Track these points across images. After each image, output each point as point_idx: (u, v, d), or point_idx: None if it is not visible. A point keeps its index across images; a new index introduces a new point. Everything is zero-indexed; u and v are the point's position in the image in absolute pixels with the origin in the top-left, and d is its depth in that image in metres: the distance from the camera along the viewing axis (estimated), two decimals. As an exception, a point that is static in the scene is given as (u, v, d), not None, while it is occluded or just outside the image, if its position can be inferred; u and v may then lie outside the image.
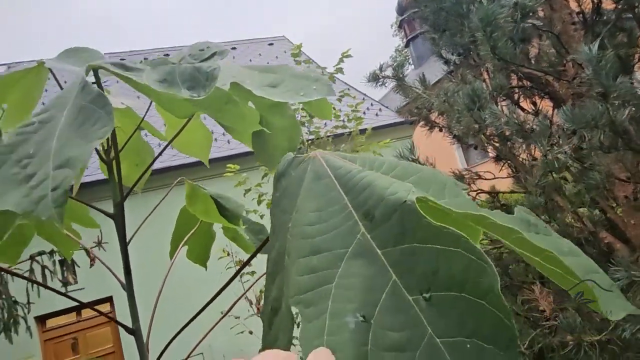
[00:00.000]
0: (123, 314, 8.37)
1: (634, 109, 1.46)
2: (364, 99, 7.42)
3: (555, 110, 2.44)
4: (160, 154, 0.93)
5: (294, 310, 0.34)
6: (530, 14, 1.61)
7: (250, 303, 5.26)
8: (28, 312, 5.06)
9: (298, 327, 0.38)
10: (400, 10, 23.18)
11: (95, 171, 6.53)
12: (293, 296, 0.34)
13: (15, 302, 4.96)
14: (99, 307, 7.80)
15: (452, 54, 2.82)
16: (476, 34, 1.81)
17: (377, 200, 0.35)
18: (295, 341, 0.38)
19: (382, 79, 2.89)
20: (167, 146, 0.93)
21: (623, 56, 1.70)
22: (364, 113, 5.61)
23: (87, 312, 7.65)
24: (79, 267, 5.28)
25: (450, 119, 2.55)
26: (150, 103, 0.77)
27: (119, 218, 0.82)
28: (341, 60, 4.98)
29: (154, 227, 2.21)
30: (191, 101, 0.49)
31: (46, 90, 0.83)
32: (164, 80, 0.49)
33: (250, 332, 5.09)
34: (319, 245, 0.34)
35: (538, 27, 1.82)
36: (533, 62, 2.29)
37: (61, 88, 0.72)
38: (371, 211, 0.35)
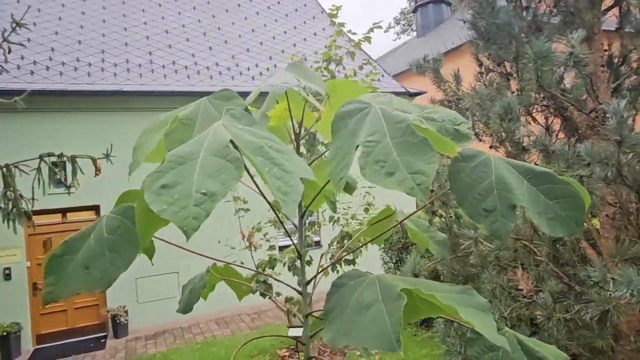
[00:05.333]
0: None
1: (635, 155, 1.90)
2: (378, 71, 7.59)
3: (562, 127, 2.88)
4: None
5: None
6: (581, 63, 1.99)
7: (243, 237, 5.70)
8: (32, 207, 5.30)
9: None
10: (416, -27, 22.66)
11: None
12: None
13: (21, 196, 5.18)
14: (85, 214, 8.07)
15: (488, 60, 3.17)
16: (527, 63, 2.17)
17: (529, 171, 0.90)
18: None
19: (423, 68, 3.22)
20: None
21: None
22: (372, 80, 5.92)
23: (72, 216, 7.91)
24: (83, 174, 5.50)
25: (476, 119, 2.95)
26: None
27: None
28: (371, 30, 5.19)
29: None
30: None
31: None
32: (438, 131, 0.86)
33: (242, 263, 5.57)
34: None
35: (577, 67, 2.19)
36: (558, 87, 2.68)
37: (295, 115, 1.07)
38: (527, 175, 0.90)
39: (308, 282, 1.24)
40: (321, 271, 1.25)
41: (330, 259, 5.47)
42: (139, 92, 8.01)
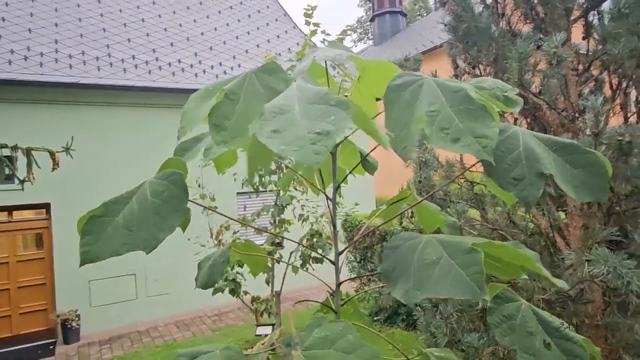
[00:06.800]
0: (59, 223, 8.08)
1: (608, 146, 2.11)
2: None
3: (529, 126, 3.11)
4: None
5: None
6: (563, 62, 2.18)
7: (211, 235, 5.61)
8: (-18, 203, 4.93)
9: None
10: (373, -17, 23.29)
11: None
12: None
13: (-30, 190, 4.78)
14: (35, 212, 7.58)
15: (464, 62, 3.36)
16: (512, 63, 2.34)
17: (555, 143, 0.94)
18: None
19: (404, 68, 3.36)
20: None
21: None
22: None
23: (18, 215, 7.41)
24: (40, 167, 5.20)
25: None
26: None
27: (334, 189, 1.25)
28: (344, 32, 5.32)
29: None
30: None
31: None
32: (489, 96, 0.94)
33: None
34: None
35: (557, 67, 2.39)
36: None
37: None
38: (553, 146, 0.94)
39: (341, 253, 1.29)
40: (357, 238, 1.30)
41: (299, 257, 5.50)
42: (97, 85, 7.67)
